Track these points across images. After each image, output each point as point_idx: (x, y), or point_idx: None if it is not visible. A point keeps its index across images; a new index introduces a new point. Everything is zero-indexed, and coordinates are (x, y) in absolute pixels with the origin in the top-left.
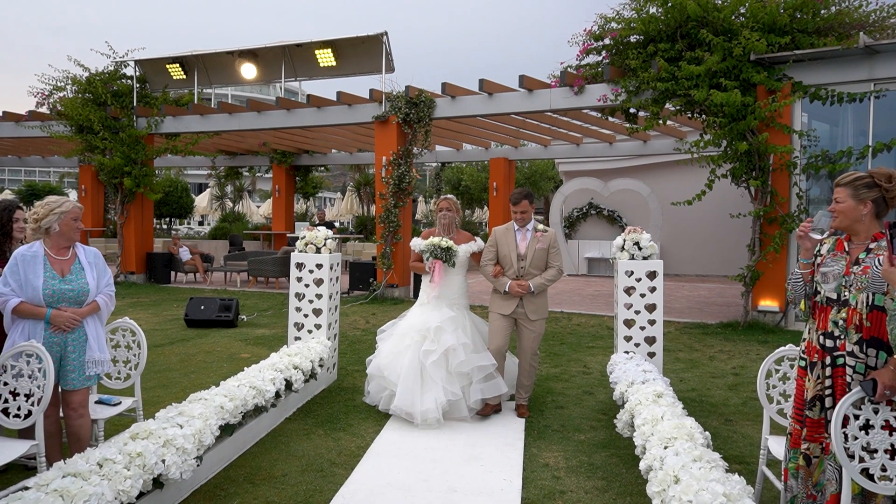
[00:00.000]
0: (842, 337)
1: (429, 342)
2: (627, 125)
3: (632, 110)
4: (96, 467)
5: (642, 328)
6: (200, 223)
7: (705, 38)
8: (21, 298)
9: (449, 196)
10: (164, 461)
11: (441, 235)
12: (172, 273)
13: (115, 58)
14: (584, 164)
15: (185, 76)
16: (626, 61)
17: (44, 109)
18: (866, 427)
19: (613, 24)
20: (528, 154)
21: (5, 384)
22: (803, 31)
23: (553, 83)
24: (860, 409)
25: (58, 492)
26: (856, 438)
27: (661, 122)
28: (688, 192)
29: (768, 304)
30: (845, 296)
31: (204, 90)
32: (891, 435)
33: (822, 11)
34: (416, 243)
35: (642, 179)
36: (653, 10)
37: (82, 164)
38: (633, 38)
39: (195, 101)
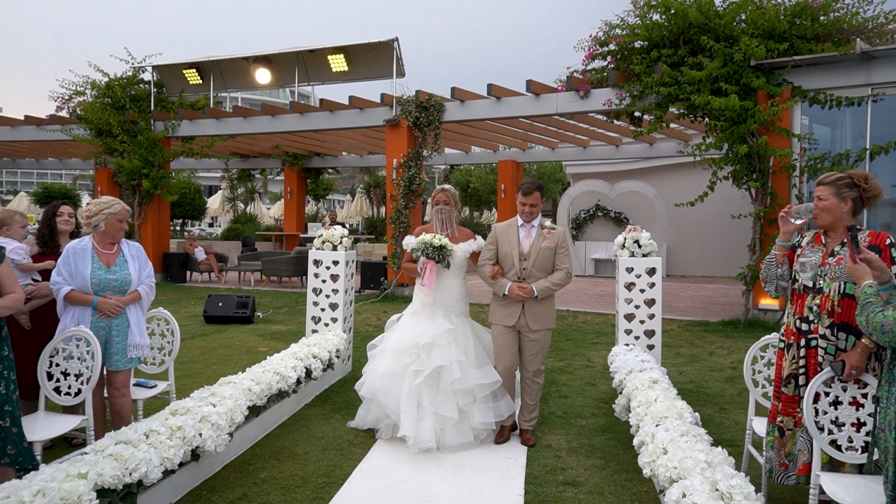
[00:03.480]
0: (815, 321)
1: (417, 361)
2: (632, 128)
3: (636, 114)
4: (143, 437)
5: (642, 322)
6: (210, 224)
7: (707, 45)
8: (71, 287)
9: (446, 187)
10: (201, 434)
11: (437, 232)
12: (188, 272)
13: (133, 63)
14: (591, 167)
15: (201, 81)
16: (630, 66)
17: (63, 113)
18: (836, 403)
19: (618, 31)
20: (535, 156)
21: (57, 365)
22: (802, 37)
23: (559, 87)
24: (830, 386)
25: (112, 456)
26: (825, 413)
27: (664, 125)
28: (694, 193)
29: (768, 302)
30: (820, 284)
31: (219, 94)
32: (857, 410)
33: (822, 17)
34: (408, 241)
35: (649, 181)
36: (656, 16)
37: (98, 167)
38: (637, 44)
39: (211, 106)
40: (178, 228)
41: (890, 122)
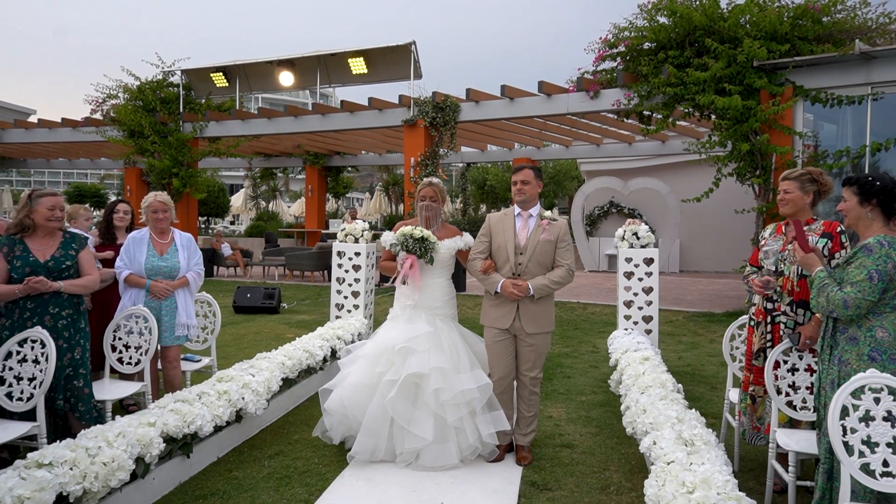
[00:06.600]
0: (778, 300)
1: (392, 370)
2: (642, 127)
3: (645, 113)
4: (197, 397)
5: (640, 308)
6: (232, 222)
7: (711, 46)
8: (130, 271)
9: (434, 181)
10: (244, 398)
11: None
12: (215, 267)
13: (163, 67)
14: (604, 164)
15: (227, 84)
16: (638, 67)
17: (97, 116)
18: (793, 369)
19: (626, 33)
20: (550, 154)
21: (119, 339)
22: (803, 38)
23: (570, 88)
24: (788, 356)
25: (173, 411)
26: (783, 378)
27: (671, 124)
28: (705, 190)
29: None
30: (781, 268)
31: (244, 96)
32: (811, 375)
33: (824, 19)
34: (386, 237)
35: (661, 178)
36: (663, 19)
37: (127, 167)
38: (645, 46)
39: (237, 107)
40: (202, 226)
41: (890, 119)
